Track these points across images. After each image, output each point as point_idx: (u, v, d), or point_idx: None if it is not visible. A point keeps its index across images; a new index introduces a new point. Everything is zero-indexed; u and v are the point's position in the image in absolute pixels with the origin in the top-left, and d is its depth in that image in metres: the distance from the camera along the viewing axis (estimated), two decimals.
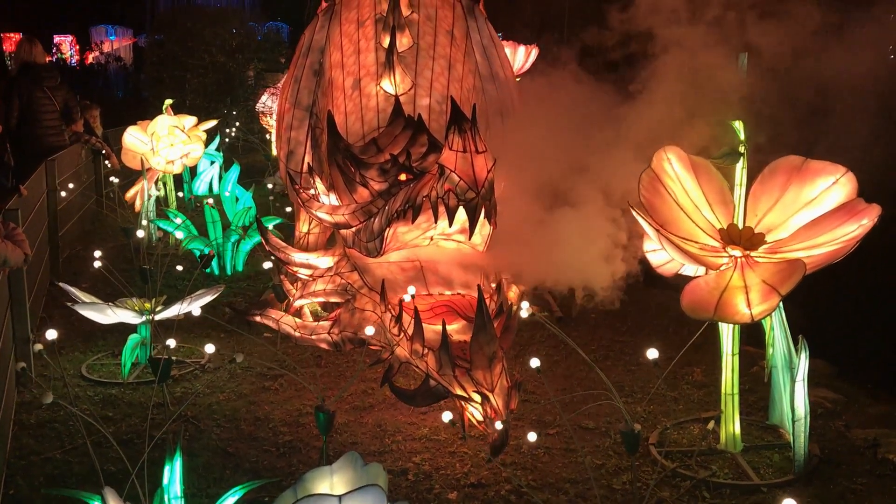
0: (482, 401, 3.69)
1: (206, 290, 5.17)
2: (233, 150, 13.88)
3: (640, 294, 7.04)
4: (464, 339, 3.83)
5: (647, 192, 3.71)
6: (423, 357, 3.88)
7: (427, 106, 5.25)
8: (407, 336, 3.98)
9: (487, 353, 3.64)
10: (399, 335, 4.09)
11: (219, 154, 11.39)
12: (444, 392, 3.88)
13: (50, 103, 7.69)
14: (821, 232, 3.44)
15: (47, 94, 7.64)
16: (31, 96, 7.59)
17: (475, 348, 3.64)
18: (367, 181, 4.26)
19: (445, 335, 3.72)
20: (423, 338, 3.87)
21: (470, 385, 3.70)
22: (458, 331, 4.00)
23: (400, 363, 4.21)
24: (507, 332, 4.06)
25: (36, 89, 7.59)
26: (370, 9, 5.56)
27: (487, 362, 3.66)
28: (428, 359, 3.85)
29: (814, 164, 3.67)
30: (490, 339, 3.65)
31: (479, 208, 3.74)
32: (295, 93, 5.81)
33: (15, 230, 3.90)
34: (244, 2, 29.49)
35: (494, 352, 3.67)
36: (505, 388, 3.73)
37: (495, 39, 6.17)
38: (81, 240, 8.73)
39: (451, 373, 3.72)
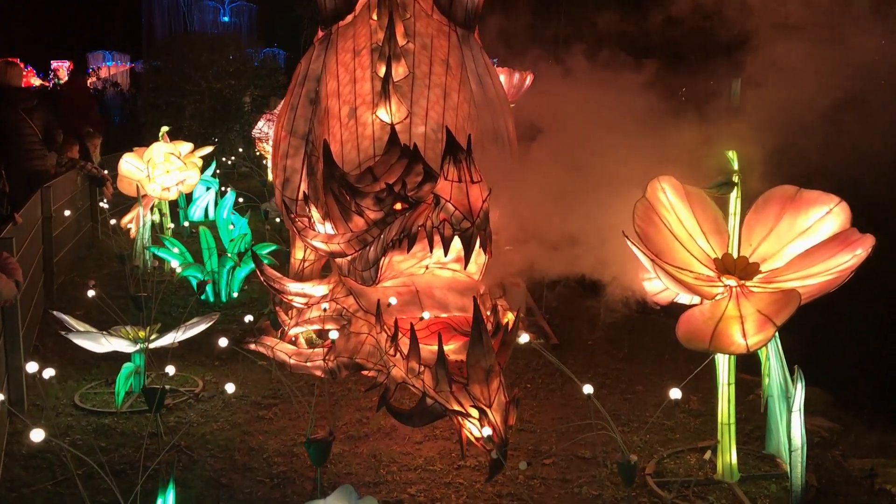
0: (480, 416, 3.66)
1: (200, 319, 5.15)
2: (229, 175, 13.92)
3: (635, 320, 7.05)
4: (460, 359, 3.82)
5: (642, 222, 3.72)
6: (420, 375, 3.86)
7: (422, 134, 5.27)
8: (403, 355, 3.98)
9: (484, 366, 3.63)
10: (395, 355, 4.08)
11: (214, 180, 11.42)
12: (442, 411, 3.85)
13: (27, 126, 7.65)
14: (815, 262, 3.45)
15: (22, 116, 7.60)
16: (6, 120, 7.55)
17: (472, 361, 3.63)
18: (362, 210, 4.27)
19: (442, 350, 3.71)
20: (420, 356, 3.86)
21: (467, 400, 3.68)
22: (454, 351, 3.99)
23: (396, 384, 4.19)
24: (504, 348, 4.04)
25: (10, 112, 7.55)
26: (366, 38, 5.61)
27: (484, 376, 3.65)
28: (424, 376, 3.84)
29: (807, 193, 3.70)
30: (487, 351, 3.64)
31: (475, 238, 3.74)
32: (291, 121, 5.84)
33: (7, 259, 3.88)
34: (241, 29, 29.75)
35: (491, 366, 3.66)
36: (503, 404, 3.71)
37: (490, 68, 6.22)
38: (76, 266, 8.70)
39: (448, 389, 3.70)
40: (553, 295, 7.37)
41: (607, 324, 6.98)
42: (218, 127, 14.53)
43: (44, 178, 7.77)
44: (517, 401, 3.86)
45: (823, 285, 3.37)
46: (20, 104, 7.56)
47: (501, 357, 3.92)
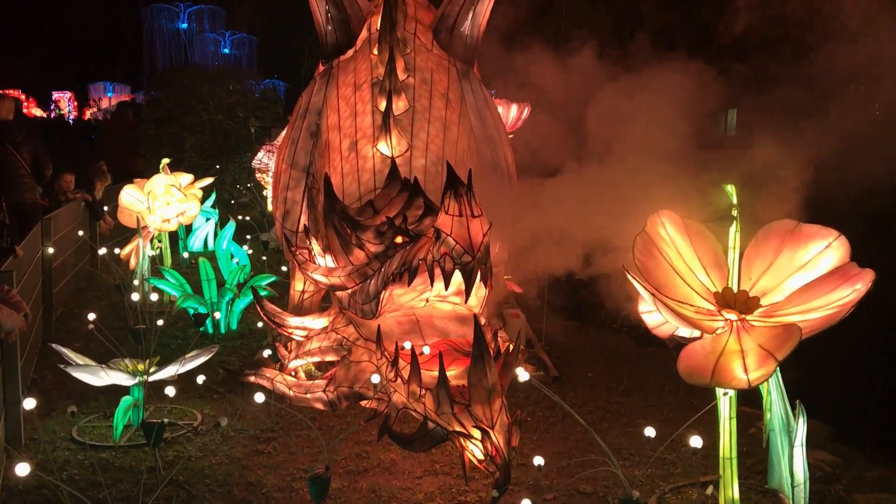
0: (482, 437, 3.64)
1: (199, 351, 5.14)
2: (228, 206, 13.95)
3: (635, 352, 7.05)
4: (461, 384, 3.81)
5: (642, 256, 3.73)
6: (421, 398, 3.85)
7: (423, 167, 5.31)
8: (404, 380, 3.97)
9: (486, 386, 3.63)
10: (396, 380, 4.07)
11: (214, 211, 11.45)
12: (443, 435, 3.83)
13: (16, 159, 7.68)
14: (815, 296, 3.45)
15: (10, 150, 7.63)
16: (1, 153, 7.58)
17: (473, 381, 3.63)
18: (363, 243, 4.29)
19: (443, 370, 3.70)
20: (421, 379, 3.85)
21: (469, 421, 3.67)
22: (455, 377, 3.98)
23: (398, 410, 4.17)
24: (506, 370, 4.03)
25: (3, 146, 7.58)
26: (367, 73, 5.67)
27: (486, 396, 3.64)
28: (426, 400, 3.83)
29: (806, 227, 3.71)
30: (489, 370, 3.63)
31: (476, 272, 3.75)
32: (292, 154, 5.89)
33: (10, 293, 3.89)
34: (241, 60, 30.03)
35: (493, 385, 3.65)
36: (505, 425, 3.70)
37: (489, 101, 6.29)
38: (75, 297, 8.69)
39: (450, 410, 3.69)
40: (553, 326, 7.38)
41: (607, 356, 6.99)
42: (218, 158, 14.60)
43: (33, 210, 7.78)
44: (520, 422, 3.84)
45: (824, 320, 3.37)
46: (8, 137, 7.59)
47: (503, 380, 3.91)
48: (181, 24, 31.48)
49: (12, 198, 7.44)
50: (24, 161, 7.59)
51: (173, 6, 31.52)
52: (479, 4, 5.97)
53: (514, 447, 3.75)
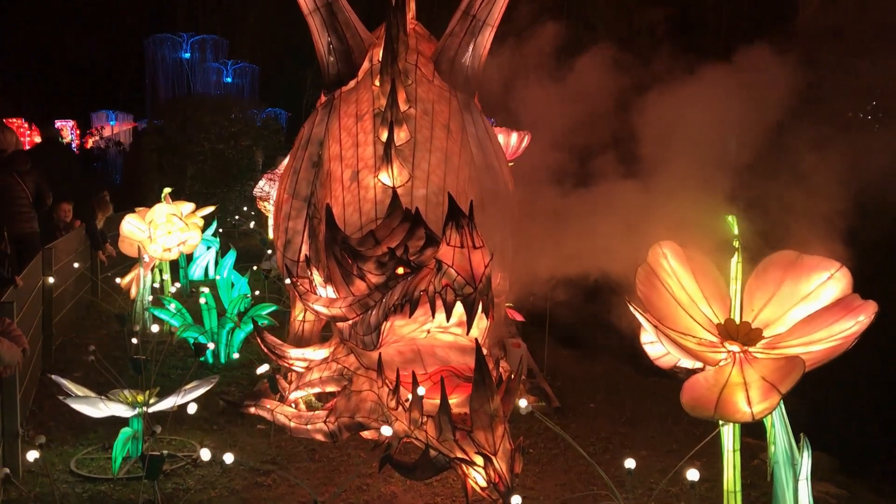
0: (485, 464, 3.61)
1: (199, 382, 5.11)
2: (229, 234, 13.97)
3: (637, 382, 7.01)
4: (463, 411, 3.79)
5: (644, 287, 3.73)
6: (423, 426, 3.83)
7: (424, 197, 5.32)
8: (405, 408, 3.94)
9: (488, 411, 3.61)
10: (397, 408, 4.04)
11: (215, 239, 11.46)
12: (446, 463, 3.80)
13: (21, 189, 7.71)
14: (818, 327, 3.44)
15: (17, 179, 7.67)
16: (3, 183, 7.61)
17: (475, 406, 3.61)
18: (364, 274, 4.28)
19: (445, 395, 3.68)
20: (422, 407, 3.83)
21: (471, 448, 3.65)
22: (457, 404, 3.96)
23: (399, 439, 4.14)
24: (507, 396, 4.01)
25: (6, 176, 7.62)
26: (369, 104, 5.71)
27: (489, 422, 3.62)
28: (427, 427, 3.81)
29: (808, 259, 3.70)
30: (491, 395, 3.61)
31: (477, 303, 3.75)
32: (293, 184, 5.91)
33: (10, 326, 3.88)
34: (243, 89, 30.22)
35: (496, 412, 3.63)
36: (508, 451, 3.67)
37: (490, 131, 6.32)
38: (75, 327, 8.67)
39: (452, 437, 3.66)
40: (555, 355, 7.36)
41: (609, 386, 6.95)
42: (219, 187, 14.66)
43: (32, 240, 7.80)
44: (523, 448, 3.82)
45: (827, 352, 3.36)
46: (15, 167, 7.63)
47: (505, 406, 3.88)
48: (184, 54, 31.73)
49: (13, 227, 7.46)
50: (28, 191, 7.63)
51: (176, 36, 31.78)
52: (479, 36, 6.02)
53: (517, 474, 3.72)
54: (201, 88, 30.56)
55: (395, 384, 4.01)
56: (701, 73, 5.98)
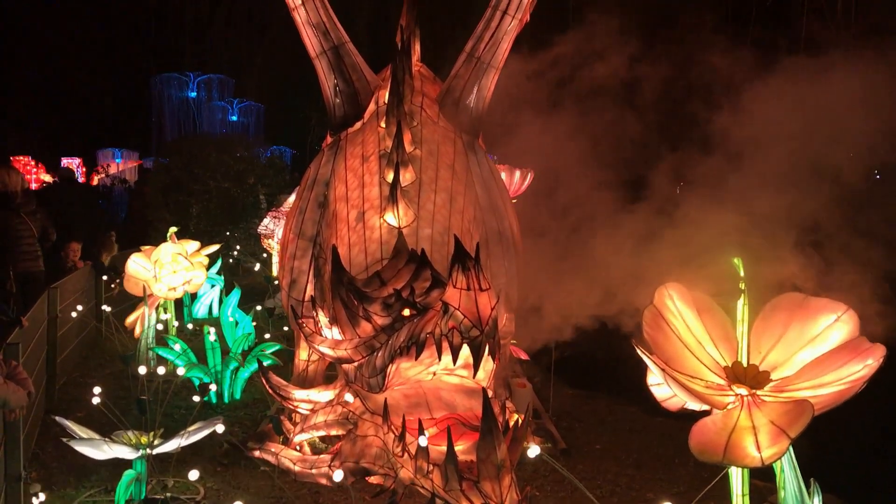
0: None
1: (203, 424, 5.08)
2: (233, 272, 13.97)
3: (644, 422, 6.95)
4: (470, 459, 3.76)
5: (651, 329, 3.73)
6: (429, 475, 3.79)
7: (429, 237, 5.34)
8: (411, 455, 3.91)
9: (495, 461, 3.57)
10: (403, 455, 4.01)
11: (220, 277, 11.47)
12: None
13: (27, 229, 7.79)
14: (826, 370, 3.44)
15: (24, 219, 7.76)
16: (9, 223, 7.69)
17: (482, 456, 3.58)
18: (370, 315, 4.28)
19: (451, 444, 3.65)
20: (428, 455, 3.79)
21: (478, 498, 3.61)
22: (463, 451, 3.93)
23: (404, 487, 4.10)
24: (515, 444, 3.97)
25: (13, 216, 7.71)
26: (374, 145, 5.75)
27: (495, 472, 3.58)
28: (433, 476, 3.77)
29: (814, 301, 3.71)
30: (497, 445, 3.58)
31: (484, 346, 3.74)
32: (299, 224, 5.93)
33: (17, 368, 3.88)
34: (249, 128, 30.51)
35: (502, 462, 3.60)
36: (515, 502, 3.63)
37: (494, 172, 6.36)
38: (79, 366, 8.64)
39: (459, 486, 3.63)
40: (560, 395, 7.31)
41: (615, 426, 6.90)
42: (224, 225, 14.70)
43: (38, 279, 7.83)
44: (530, 498, 3.78)
45: (836, 395, 3.35)
46: (22, 208, 7.70)
47: (512, 455, 3.85)
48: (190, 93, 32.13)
49: (19, 266, 7.50)
50: (34, 230, 7.69)
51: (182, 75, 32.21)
52: (483, 78, 6.09)
53: None
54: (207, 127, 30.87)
55: (400, 431, 3.98)
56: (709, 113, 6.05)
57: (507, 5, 5.91)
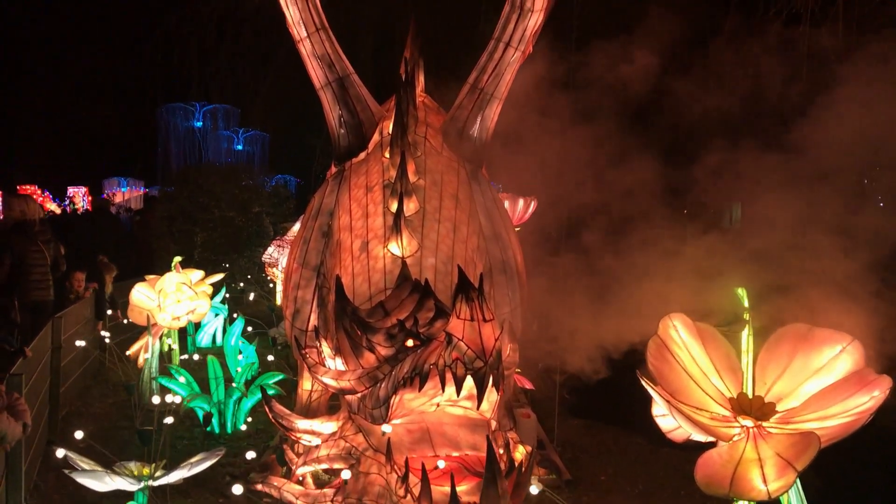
0: None
1: (205, 455, 5.05)
2: (237, 301, 13.98)
3: (649, 453, 6.89)
4: (473, 501, 3.72)
5: (655, 360, 3.72)
6: None
7: (433, 266, 5.34)
8: (414, 497, 3.87)
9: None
10: (405, 496, 3.97)
11: (223, 307, 11.47)
12: None
13: (42, 257, 7.85)
14: (832, 402, 3.41)
15: (40, 248, 7.81)
16: (25, 251, 7.75)
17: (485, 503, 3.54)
18: (373, 346, 4.27)
19: (454, 491, 3.62)
20: (431, 497, 3.75)
21: None
22: (467, 492, 3.89)
23: None
24: (518, 489, 3.94)
25: (30, 244, 7.77)
26: (378, 175, 5.78)
27: None
28: None
29: (819, 331, 3.69)
30: (502, 494, 3.55)
31: (487, 377, 3.73)
32: (304, 253, 5.94)
33: (17, 400, 3.87)
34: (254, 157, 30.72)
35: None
36: None
37: (497, 201, 6.38)
38: (82, 396, 8.62)
39: None
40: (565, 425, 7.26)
41: (621, 456, 6.84)
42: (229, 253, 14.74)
43: (46, 308, 7.85)
44: None
45: (843, 427, 3.32)
46: (39, 237, 7.76)
47: (515, 499, 3.82)
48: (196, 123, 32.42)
49: (30, 296, 7.53)
50: (48, 259, 7.75)
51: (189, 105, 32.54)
52: (487, 109, 6.13)
53: None
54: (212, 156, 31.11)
55: (403, 472, 3.95)
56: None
57: (510, 37, 5.96)
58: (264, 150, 32.32)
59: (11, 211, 7.94)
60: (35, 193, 28.16)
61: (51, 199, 32.30)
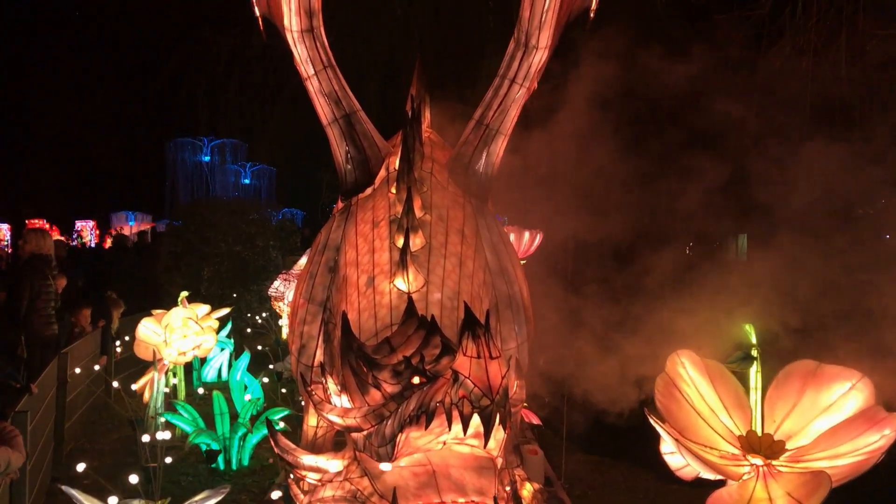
0: None
1: (210, 493, 5.02)
2: (243, 334, 13.97)
3: (658, 490, 6.83)
4: None
5: (663, 397, 3.69)
6: None
7: (438, 301, 5.32)
8: None
9: None
10: None
11: (229, 341, 11.46)
12: None
13: (52, 294, 7.87)
14: (842, 440, 3.38)
15: (51, 283, 7.84)
16: (39, 287, 7.77)
17: None
18: (379, 383, 4.24)
19: None
20: None
21: None
22: None
23: None
24: None
25: (43, 279, 7.79)
26: (385, 210, 5.79)
27: None
28: None
29: (828, 368, 3.67)
30: None
31: (494, 416, 3.70)
32: (310, 289, 5.94)
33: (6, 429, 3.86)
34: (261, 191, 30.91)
35: None
36: None
37: (503, 235, 6.38)
38: (87, 431, 8.60)
39: None
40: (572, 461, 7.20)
41: (629, 494, 6.77)
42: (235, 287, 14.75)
43: (51, 344, 7.86)
44: None
45: (854, 467, 3.28)
46: (51, 271, 7.80)
47: None
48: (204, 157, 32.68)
49: (37, 331, 7.55)
50: (57, 294, 7.78)
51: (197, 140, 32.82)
52: (492, 144, 6.16)
53: None
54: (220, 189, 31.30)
55: None
56: None
57: (514, 74, 6.01)
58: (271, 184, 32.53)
59: (27, 244, 7.99)
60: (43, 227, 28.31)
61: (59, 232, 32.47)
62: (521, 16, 5.86)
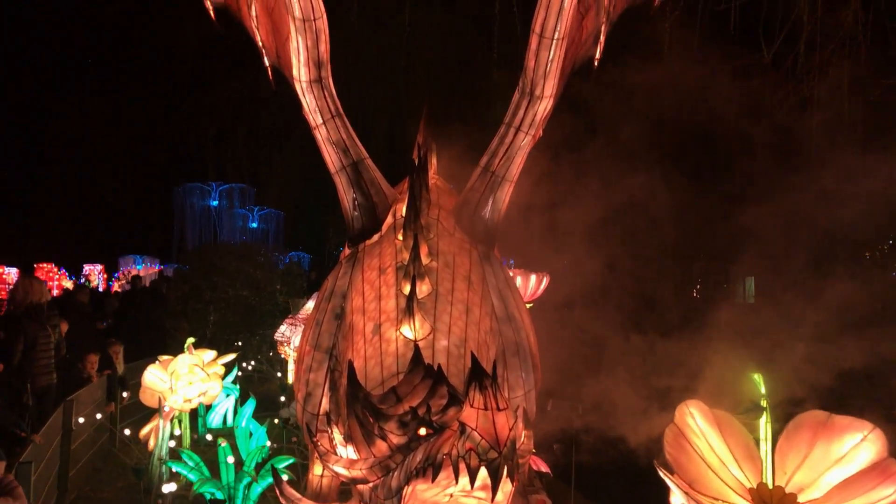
0: None
1: None
2: (248, 380, 13.91)
3: None
4: None
5: (673, 449, 3.65)
6: None
7: (445, 348, 5.30)
8: None
9: None
10: None
11: (235, 387, 11.41)
12: None
13: (49, 342, 7.85)
14: (855, 494, 3.33)
15: (49, 332, 7.82)
16: (36, 336, 7.75)
17: None
18: (385, 434, 4.21)
19: None
20: None
21: None
22: None
23: None
24: None
25: (41, 329, 7.77)
26: (391, 257, 5.80)
27: None
28: None
29: (839, 419, 3.63)
30: None
31: (502, 468, 3.66)
32: (316, 336, 5.92)
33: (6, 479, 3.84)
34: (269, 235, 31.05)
35: None
36: None
37: (510, 281, 6.38)
38: (91, 479, 8.52)
39: None
40: None
41: None
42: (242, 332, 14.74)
43: (50, 392, 7.84)
44: None
45: None
46: (48, 321, 7.80)
47: None
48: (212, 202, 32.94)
49: (35, 381, 7.54)
50: (53, 342, 7.77)
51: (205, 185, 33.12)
52: (498, 191, 6.19)
53: None
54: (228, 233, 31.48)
55: None
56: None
57: (520, 122, 6.06)
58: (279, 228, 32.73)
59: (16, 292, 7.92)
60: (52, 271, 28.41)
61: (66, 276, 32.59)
62: (525, 65, 5.93)
